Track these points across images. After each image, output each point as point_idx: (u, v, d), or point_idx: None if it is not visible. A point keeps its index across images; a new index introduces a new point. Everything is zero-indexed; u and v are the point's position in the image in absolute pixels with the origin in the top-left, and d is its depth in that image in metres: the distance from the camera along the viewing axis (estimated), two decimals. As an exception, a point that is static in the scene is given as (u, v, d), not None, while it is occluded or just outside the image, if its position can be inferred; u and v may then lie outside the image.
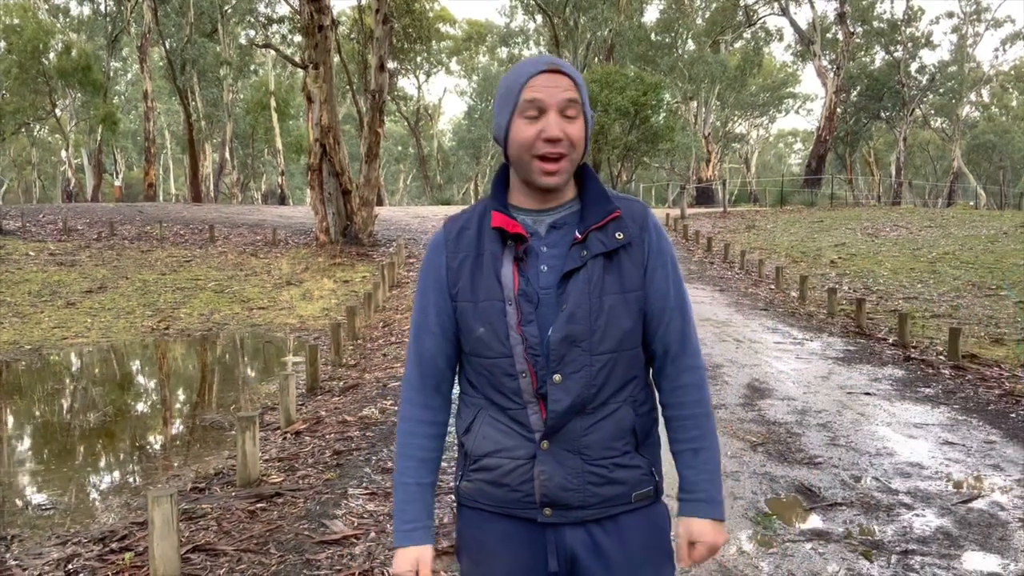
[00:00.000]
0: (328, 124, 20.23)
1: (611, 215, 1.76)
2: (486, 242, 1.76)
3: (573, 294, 1.70)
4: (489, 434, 1.76)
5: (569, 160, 1.71)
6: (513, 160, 1.75)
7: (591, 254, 1.72)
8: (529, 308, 1.70)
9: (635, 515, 1.79)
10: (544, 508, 1.73)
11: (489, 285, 1.73)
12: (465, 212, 1.85)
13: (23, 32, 42.11)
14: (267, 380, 9.50)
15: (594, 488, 1.73)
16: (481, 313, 1.73)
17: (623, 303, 1.74)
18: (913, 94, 46.00)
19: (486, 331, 1.73)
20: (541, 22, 48.39)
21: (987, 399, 7.32)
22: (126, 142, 57.87)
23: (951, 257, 17.09)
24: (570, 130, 1.69)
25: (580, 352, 1.70)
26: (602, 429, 1.74)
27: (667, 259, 1.82)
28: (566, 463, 1.72)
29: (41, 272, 17.19)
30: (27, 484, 6.28)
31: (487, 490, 1.78)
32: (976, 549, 4.16)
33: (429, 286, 1.81)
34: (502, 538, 1.78)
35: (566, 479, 1.72)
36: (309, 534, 4.46)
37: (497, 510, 1.78)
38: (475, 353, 1.77)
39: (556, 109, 1.69)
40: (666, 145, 34.10)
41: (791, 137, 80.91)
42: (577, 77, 1.73)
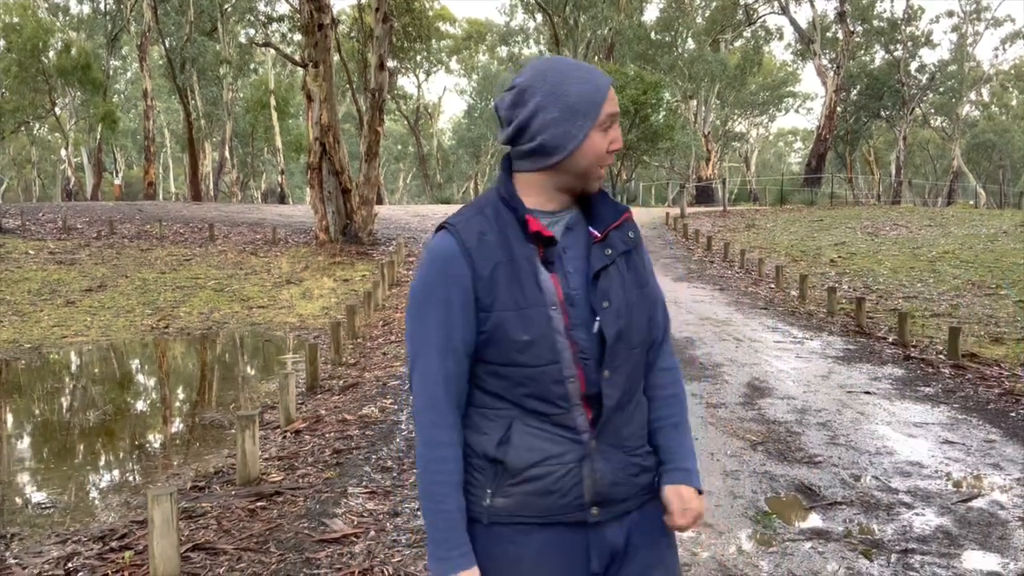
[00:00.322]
0: (328, 123, 20.23)
1: (624, 215, 1.82)
2: (514, 247, 1.71)
3: (613, 292, 1.74)
4: (533, 444, 1.71)
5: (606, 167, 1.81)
6: (578, 170, 1.74)
7: (616, 252, 1.77)
8: (573, 312, 1.70)
9: (653, 501, 1.84)
10: (592, 508, 1.73)
11: (531, 291, 1.68)
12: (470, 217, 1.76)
13: (23, 30, 42.11)
14: (267, 379, 9.50)
15: (635, 479, 1.79)
16: (526, 320, 1.67)
17: (643, 297, 1.81)
18: (913, 93, 46.01)
19: (533, 338, 1.67)
20: (541, 21, 48.40)
21: (987, 398, 7.32)
22: (126, 141, 57.87)
23: (951, 256, 17.09)
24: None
25: (624, 347, 1.75)
26: (635, 421, 1.81)
27: (647, 255, 1.91)
28: (612, 458, 1.75)
29: (41, 271, 17.19)
30: (27, 483, 6.28)
31: (533, 501, 1.72)
32: (976, 548, 4.16)
33: (451, 300, 1.69)
34: (543, 548, 1.73)
35: (614, 474, 1.74)
36: (309, 533, 4.46)
37: (540, 520, 1.72)
38: (513, 363, 1.69)
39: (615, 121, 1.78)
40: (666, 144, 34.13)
41: (791, 136, 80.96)
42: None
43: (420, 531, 4.44)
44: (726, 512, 4.63)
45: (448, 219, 1.77)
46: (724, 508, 4.69)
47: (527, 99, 1.72)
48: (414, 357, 1.74)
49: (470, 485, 1.76)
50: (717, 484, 5.07)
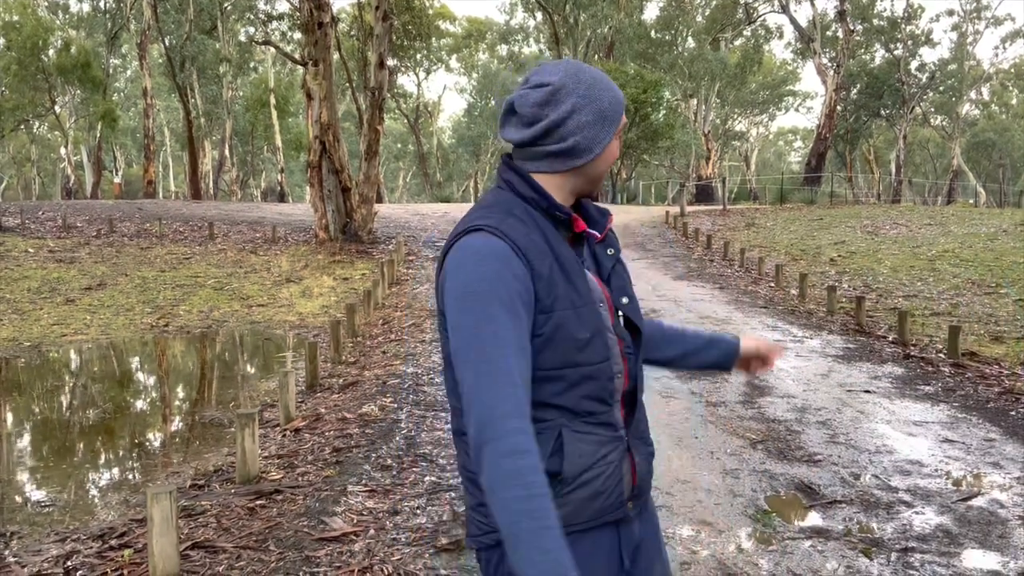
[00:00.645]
0: (328, 121, 20.22)
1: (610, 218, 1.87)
2: (559, 246, 1.68)
3: (627, 287, 1.83)
4: (583, 449, 1.66)
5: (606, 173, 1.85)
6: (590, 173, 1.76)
7: (616, 251, 1.85)
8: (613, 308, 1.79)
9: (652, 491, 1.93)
10: (629, 503, 1.76)
11: (583, 288, 1.68)
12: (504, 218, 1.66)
13: (22, 29, 42.11)
14: (266, 377, 9.49)
15: (652, 467, 1.87)
16: (584, 318, 1.65)
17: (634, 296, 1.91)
18: (913, 92, 46.00)
19: (591, 336, 1.66)
20: (541, 19, 48.38)
21: (987, 397, 7.32)
22: (125, 139, 57.85)
23: (951, 255, 17.09)
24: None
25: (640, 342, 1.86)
26: (642, 407, 1.86)
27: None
28: (641, 450, 1.81)
29: (40, 269, 17.18)
30: (26, 481, 6.28)
31: (584, 506, 1.67)
32: (976, 547, 4.16)
33: (514, 301, 1.57)
34: (586, 556, 1.66)
35: (643, 465, 1.81)
36: (308, 531, 4.46)
37: (584, 526, 1.67)
38: (573, 363, 1.64)
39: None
40: (666, 143, 34.15)
41: (791, 135, 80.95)
42: None
43: (420, 529, 4.44)
44: (726, 510, 4.62)
45: (478, 223, 1.65)
46: (724, 506, 4.69)
47: (562, 99, 1.68)
48: (480, 360, 1.54)
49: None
50: (717, 482, 5.07)
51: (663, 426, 6.20)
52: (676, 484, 5.02)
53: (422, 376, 8.37)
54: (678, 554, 4.02)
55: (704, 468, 5.34)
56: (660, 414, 6.54)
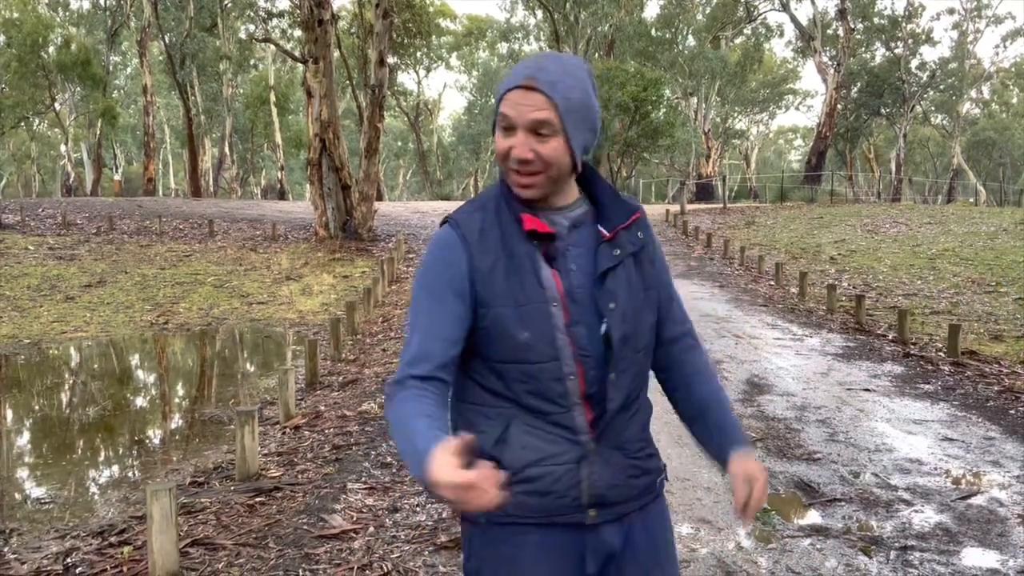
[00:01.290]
0: (328, 119, 20.21)
1: (635, 215, 1.78)
2: (515, 243, 1.68)
3: (620, 293, 1.71)
4: (530, 443, 1.68)
5: (546, 176, 1.66)
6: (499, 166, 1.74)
7: (625, 253, 1.74)
8: (575, 308, 1.68)
9: (655, 501, 1.83)
10: (590, 510, 1.71)
11: (531, 287, 1.66)
12: (473, 211, 1.75)
13: (23, 26, 42.08)
14: (266, 375, 9.49)
15: (634, 481, 1.77)
16: (527, 317, 1.65)
17: (648, 300, 1.79)
18: (913, 90, 45.96)
19: (532, 335, 1.65)
20: (541, 17, 48.33)
21: (986, 395, 7.32)
22: (125, 136, 57.83)
23: (951, 254, 17.09)
24: (542, 150, 1.63)
25: (631, 350, 1.73)
26: (636, 422, 1.79)
27: (660, 251, 1.88)
28: (612, 460, 1.73)
29: (40, 266, 17.18)
30: (26, 478, 6.28)
31: (528, 501, 1.69)
32: (975, 545, 4.16)
33: (444, 291, 1.67)
34: (538, 549, 1.71)
35: (613, 476, 1.73)
36: (308, 528, 4.46)
37: (535, 521, 1.70)
38: (513, 360, 1.67)
39: (525, 128, 1.63)
40: (666, 141, 34.08)
41: (791, 133, 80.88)
42: (558, 93, 1.62)
43: (419, 527, 4.44)
44: (725, 509, 4.62)
45: (451, 213, 1.77)
46: (723, 504, 4.69)
47: None
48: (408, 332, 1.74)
49: None
50: (716, 480, 5.07)
51: (662, 424, 6.19)
52: (675, 482, 5.02)
53: (422, 374, 8.35)
54: (678, 552, 4.01)
55: (703, 466, 5.34)
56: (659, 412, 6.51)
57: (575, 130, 1.66)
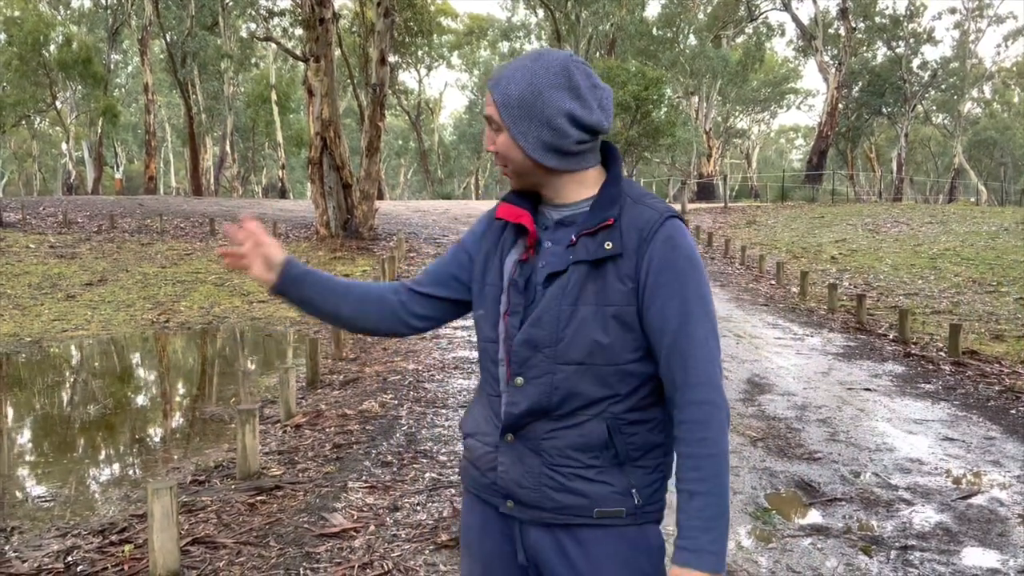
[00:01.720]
0: (329, 118, 20.20)
1: (603, 223, 1.64)
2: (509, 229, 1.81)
3: (547, 298, 1.66)
4: (476, 413, 1.82)
5: (510, 169, 1.75)
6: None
7: (576, 259, 1.65)
8: (518, 300, 1.71)
9: (602, 532, 1.66)
10: (506, 500, 1.72)
11: (494, 270, 1.78)
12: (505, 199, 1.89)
13: (24, 24, 42.10)
14: (267, 373, 9.50)
15: (550, 492, 1.65)
16: (483, 295, 1.79)
17: (599, 316, 1.62)
18: (915, 90, 45.93)
19: (484, 314, 1.78)
20: (543, 16, 48.32)
21: (987, 395, 7.32)
22: (127, 135, 57.86)
23: (952, 253, 17.08)
24: (497, 142, 1.73)
25: (543, 359, 1.65)
26: (564, 437, 1.65)
27: (674, 276, 1.61)
28: (525, 460, 1.68)
29: (41, 264, 17.19)
30: (27, 476, 6.28)
31: (468, 469, 1.83)
32: (976, 545, 4.16)
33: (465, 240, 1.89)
34: (482, 523, 1.81)
35: (523, 476, 1.68)
36: (309, 527, 4.47)
37: (475, 492, 1.82)
38: (477, 331, 1.82)
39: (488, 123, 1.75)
40: (667, 140, 34.04)
41: (792, 133, 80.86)
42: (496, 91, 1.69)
43: (420, 526, 4.45)
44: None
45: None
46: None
47: None
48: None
49: None
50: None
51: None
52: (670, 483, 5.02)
53: (423, 373, 8.38)
54: None
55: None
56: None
57: (516, 125, 1.67)
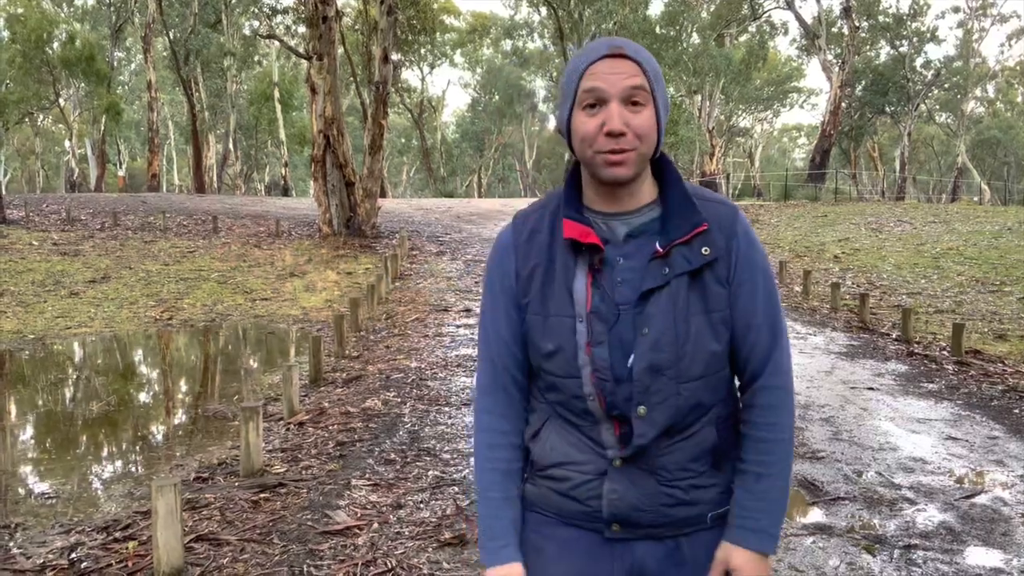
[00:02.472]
0: (332, 115, 20.21)
1: (698, 228, 1.58)
2: (558, 250, 1.62)
3: (657, 318, 1.55)
4: (557, 445, 1.65)
5: (636, 153, 1.54)
6: (578, 155, 1.60)
7: (674, 272, 1.56)
8: (601, 328, 1.56)
9: (711, 533, 1.66)
10: (612, 525, 1.62)
11: (560, 299, 1.60)
12: (535, 210, 1.70)
13: (27, 21, 42.12)
14: (270, 371, 9.50)
15: (667, 509, 1.61)
16: (551, 329, 1.60)
17: (709, 325, 1.59)
18: (918, 89, 45.87)
19: (556, 348, 1.60)
20: (545, 14, 48.29)
21: (991, 395, 7.32)
22: (130, 132, 57.90)
23: (955, 253, 17.06)
24: (635, 121, 1.53)
25: (667, 381, 1.56)
26: (682, 450, 1.61)
27: (756, 270, 1.63)
28: (639, 483, 1.60)
29: (44, 262, 17.21)
30: (30, 473, 6.29)
31: (553, 499, 1.68)
32: (979, 544, 4.16)
33: (498, 291, 1.69)
34: (564, 546, 1.68)
35: (638, 499, 1.60)
36: (312, 524, 4.47)
37: (561, 519, 1.68)
38: (542, 368, 1.65)
39: (618, 99, 1.52)
40: (670, 139, 34.06)
41: (795, 131, 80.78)
42: (645, 60, 1.56)
43: (423, 523, 4.45)
44: (729, 507, 4.62)
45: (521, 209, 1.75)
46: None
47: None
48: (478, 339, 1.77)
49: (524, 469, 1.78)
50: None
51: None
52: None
53: (425, 371, 8.38)
54: None
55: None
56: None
57: (661, 100, 1.58)
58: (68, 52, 42.16)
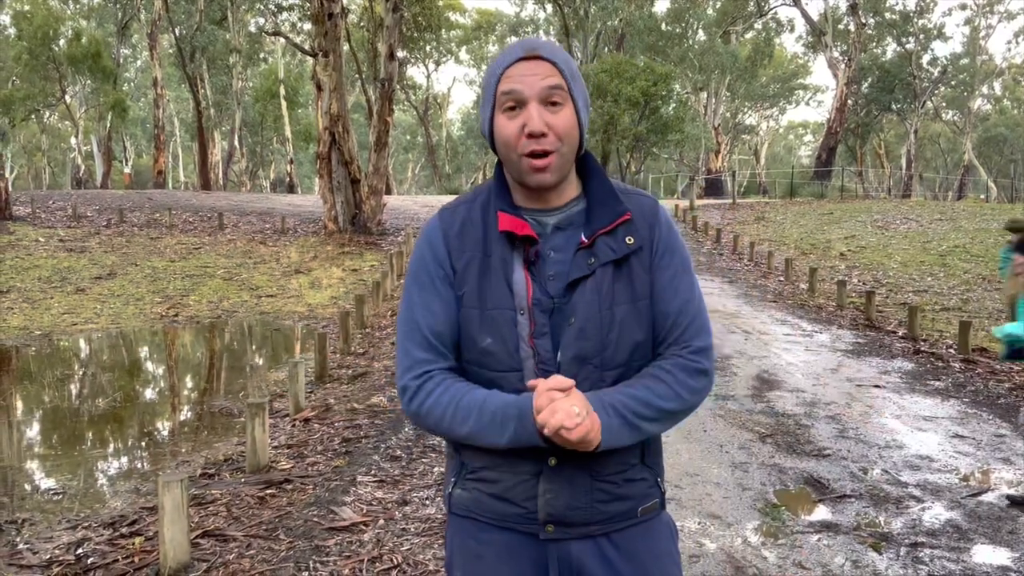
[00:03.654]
0: (337, 112, 20.22)
1: (621, 217, 1.61)
2: (493, 243, 1.61)
3: (581, 306, 1.56)
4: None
5: (559, 155, 1.54)
6: (502, 159, 1.60)
7: (599, 262, 1.58)
8: (543, 319, 1.56)
9: (641, 527, 1.66)
10: (547, 525, 1.61)
11: (499, 292, 1.58)
12: (462, 204, 1.69)
13: (33, 19, 42.20)
14: (276, 367, 9.52)
15: (601, 506, 1.61)
16: (489, 322, 1.58)
17: (635, 313, 1.60)
18: (925, 86, 45.73)
19: (494, 342, 1.58)
20: (551, 11, 48.23)
21: (997, 393, 7.30)
22: (135, 129, 58.00)
23: (961, 250, 17.02)
24: (554, 121, 1.53)
25: (592, 369, 1.57)
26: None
27: (675, 258, 1.65)
28: (574, 481, 1.59)
29: (51, 258, 17.25)
30: (37, 469, 6.31)
31: (485, 502, 1.64)
32: (985, 542, 4.15)
33: (432, 280, 1.64)
34: (502, 550, 1.64)
35: (573, 497, 1.59)
36: (318, 520, 4.48)
37: (495, 522, 1.65)
38: (478, 364, 1.61)
39: (536, 99, 1.53)
40: (675, 136, 34.01)
41: (801, 129, 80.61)
42: (560, 60, 1.56)
43: (429, 520, 4.45)
44: (735, 504, 4.62)
45: (444, 205, 1.72)
46: (733, 500, 4.68)
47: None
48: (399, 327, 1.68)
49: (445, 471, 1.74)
50: (726, 476, 5.07)
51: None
52: (684, 477, 5.02)
53: (431, 367, 8.37)
54: (687, 547, 4.02)
55: (713, 461, 5.34)
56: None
57: (580, 98, 1.58)
58: (74, 49, 42.22)
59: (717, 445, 5.69)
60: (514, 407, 1.53)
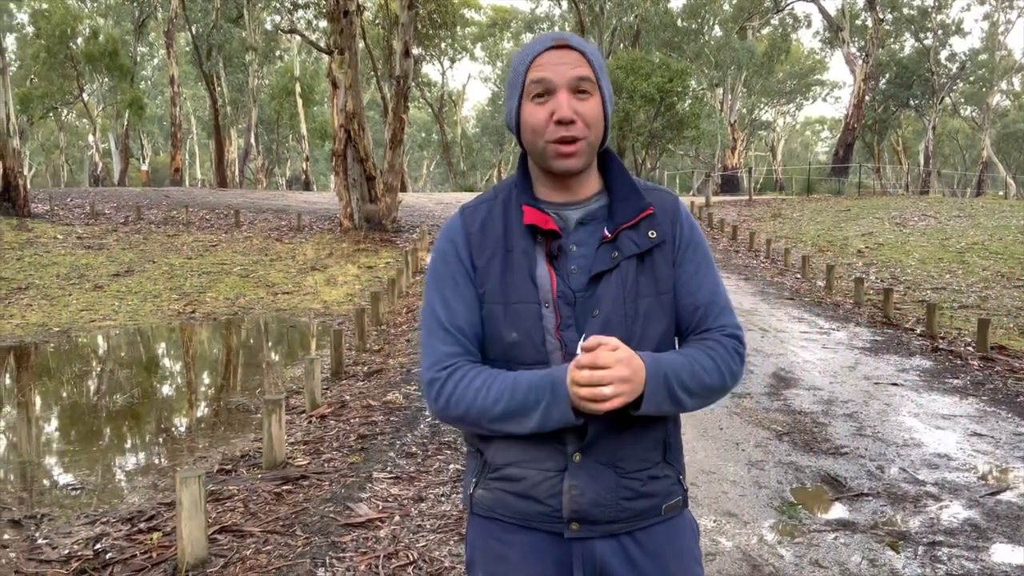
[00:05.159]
0: (353, 110, 20.26)
1: (644, 212, 1.64)
2: (515, 238, 1.63)
3: (606, 299, 1.59)
4: (514, 443, 1.62)
5: (586, 142, 1.58)
6: (528, 147, 1.63)
7: (623, 255, 1.61)
8: (568, 311, 1.58)
9: (665, 525, 1.68)
10: (571, 523, 1.61)
11: (523, 286, 1.60)
12: (483, 201, 1.71)
13: (51, 17, 42.53)
14: (292, 364, 9.55)
15: (626, 503, 1.62)
16: (514, 317, 1.60)
17: (658, 306, 1.64)
18: (943, 82, 45.38)
19: (520, 336, 1.59)
20: (567, 7, 48.14)
21: (1016, 391, 7.24)
22: (153, 127, 58.30)
23: (980, 247, 16.88)
24: (583, 109, 1.56)
25: None
26: (639, 441, 1.63)
27: (698, 253, 1.70)
28: (599, 477, 1.60)
29: (69, 255, 17.37)
30: (56, 464, 6.36)
31: (509, 501, 1.64)
32: (1004, 541, 4.12)
33: (455, 279, 1.65)
34: (526, 551, 1.65)
35: (598, 494, 1.60)
36: (334, 517, 4.49)
37: (518, 522, 1.64)
38: (503, 358, 1.62)
39: (566, 88, 1.56)
40: (691, 132, 33.84)
41: (818, 125, 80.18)
42: (590, 51, 1.60)
43: (444, 516, 4.46)
44: (751, 502, 4.61)
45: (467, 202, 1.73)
46: (749, 498, 4.67)
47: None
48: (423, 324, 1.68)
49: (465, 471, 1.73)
50: (742, 473, 5.05)
51: (687, 416, 6.18)
52: (701, 475, 5.01)
53: (446, 364, 8.38)
54: (703, 545, 4.01)
55: (729, 459, 5.32)
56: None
57: (607, 91, 1.62)
58: (92, 47, 42.52)
59: (733, 443, 5.67)
60: (547, 377, 1.53)
